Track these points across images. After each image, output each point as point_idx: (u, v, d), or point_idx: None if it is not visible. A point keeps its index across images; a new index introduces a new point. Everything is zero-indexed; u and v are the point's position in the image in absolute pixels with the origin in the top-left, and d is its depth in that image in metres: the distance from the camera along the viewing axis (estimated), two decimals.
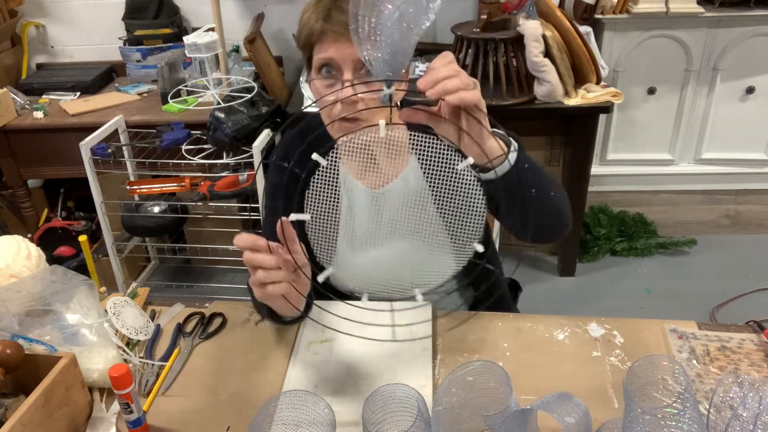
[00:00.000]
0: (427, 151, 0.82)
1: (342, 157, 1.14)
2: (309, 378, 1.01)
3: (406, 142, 0.94)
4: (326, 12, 0.99)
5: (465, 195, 0.82)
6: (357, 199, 1.11)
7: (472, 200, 0.82)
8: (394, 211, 0.91)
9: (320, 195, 0.83)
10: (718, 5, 2.40)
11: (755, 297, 2.39)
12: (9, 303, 0.99)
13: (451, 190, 0.82)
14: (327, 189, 0.82)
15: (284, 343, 1.09)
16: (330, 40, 0.98)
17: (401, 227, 0.90)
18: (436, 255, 0.91)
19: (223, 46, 2.40)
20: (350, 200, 1.12)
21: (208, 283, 2.62)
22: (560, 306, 2.44)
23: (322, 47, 1.00)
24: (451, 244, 0.85)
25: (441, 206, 0.83)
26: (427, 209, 0.89)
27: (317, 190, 0.82)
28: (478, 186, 0.81)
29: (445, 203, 0.83)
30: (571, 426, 0.76)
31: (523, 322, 1.11)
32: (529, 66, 2.13)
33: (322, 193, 0.83)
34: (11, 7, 2.69)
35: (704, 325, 1.08)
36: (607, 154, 2.74)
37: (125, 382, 0.87)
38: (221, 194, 2.15)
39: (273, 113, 2.19)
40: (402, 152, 1.08)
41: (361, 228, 1.05)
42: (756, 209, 2.80)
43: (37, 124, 2.37)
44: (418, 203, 0.89)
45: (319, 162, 0.81)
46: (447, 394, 0.83)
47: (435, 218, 0.88)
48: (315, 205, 0.83)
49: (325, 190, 0.83)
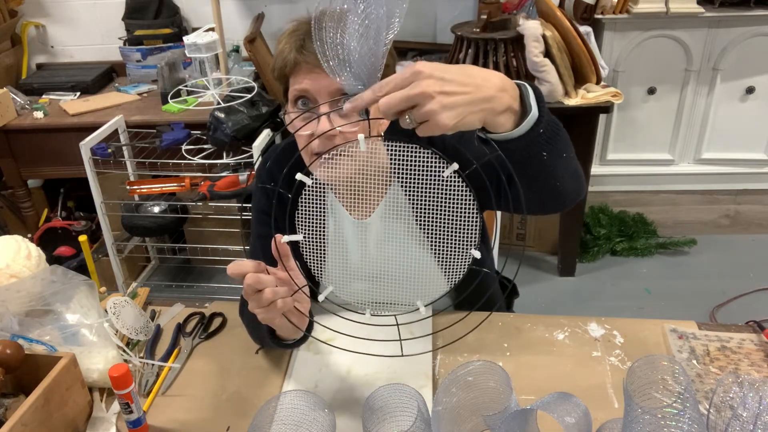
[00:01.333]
0: (409, 163, 0.76)
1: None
2: (309, 378, 1.01)
3: (388, 167, 0.90)
4: (300, 42, 0.95)
5: (455, 202, 0.76)
6: (344, 227, 1.08)
7: (464, 206, 0.76)
8: (383, 238, 0.88)
9: (311, 214, 0.80)
10: (718, 5, 2.40)
11: (755, 297, 2.39)
12: (9, 303, 0.99)
13: (441, 200, 0.77)
14: (317, 207, 0.80)
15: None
16: (304, 71, 0.95)
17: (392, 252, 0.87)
18: (433, 270, 0.86)
19: (223, 46, 2.40)
20: (337, 226, 1.08)
21: (208, 283, 2.62)
22: (560, 306, 2.44)
23: (297, 79, 0.96)
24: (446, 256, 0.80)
25: (430, 221, 0.78)
26: (416, 229, 0.85)
27: (307, 210, 0.80)
28: (469, 191, 0.76)
29: (435, 216, 0.78)
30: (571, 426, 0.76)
31: (523, 322, 1.11)
32: (529, 66, 2.13)
33: (313, 212, 0.80)
34: (11, 7, 2.70)
35: (704, 325, 1.08)
36: (607, 154, 2.74)
37: (125, 382, 0.87)
38: (221, 194, 2.14)
39: (273, 113, 2.19)
40: (384, 178, 1.04)
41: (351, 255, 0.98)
42: (756, 209, 2.80)
43: (37, 124, 2.37)
44: (406, 226, 0.87)
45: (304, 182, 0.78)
46: (447, 394, 0.83)
47: (425, 236, 0.84)
48: (306, 225, 0.80)
49: (315, 209, 0.80)
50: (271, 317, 0.87)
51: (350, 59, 0.73)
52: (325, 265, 0.83)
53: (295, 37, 0.97)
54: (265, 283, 0.84)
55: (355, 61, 0.72)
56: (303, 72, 0.95)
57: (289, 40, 0.97)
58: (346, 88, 0.75)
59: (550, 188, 0.89)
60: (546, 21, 2.16)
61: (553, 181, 0.88)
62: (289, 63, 0.96)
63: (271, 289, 0.84)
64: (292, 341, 0.99)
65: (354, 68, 0.73)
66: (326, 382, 1.00)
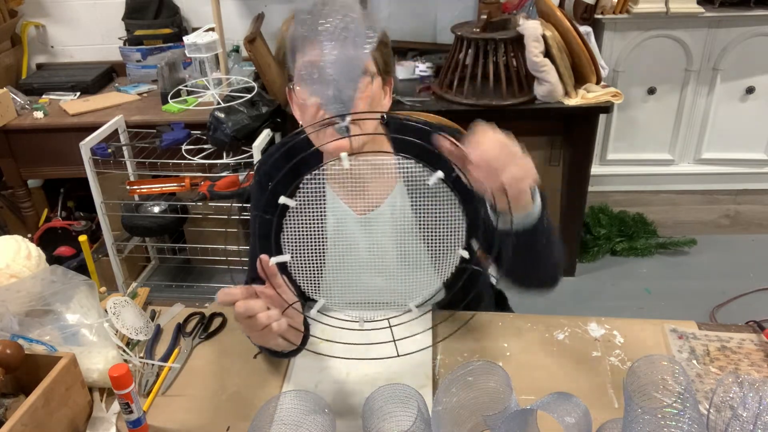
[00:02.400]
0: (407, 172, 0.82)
1: (329, 179, 1.14)
2: (309, 378, 1.01)
3: (394, 164, 0.93)
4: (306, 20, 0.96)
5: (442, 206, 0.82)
6: (344, 223, 1.09)
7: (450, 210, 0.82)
8: (382, 235, 0.90)
9: (299, 232, 0.82)
10: (718, 5, 2.40)
11: (755, 297, 2.39)
12: (9, 303, 0.99)
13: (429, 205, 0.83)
14: (307, 223, 0.82)
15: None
16: (312, 43, 0.94)
17: (390, 249, 0.90)
18: (425, 268, 0.90)
19: (223, 46, 2.40)
20: (337, 223, 1.09)
21: (208, 283, 2.62)
22: (560, 306, 2.43)
23: (304, 51, 0.97)
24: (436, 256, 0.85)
25: (423, 222, 0.84)
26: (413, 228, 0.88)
27: (295, 229, 0.82)
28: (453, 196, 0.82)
29: (426, 218, 0.83)
30: (571, 426, 0.76)
31: (523, 322, 1.12)
32: (529, 66, 2.13)
33: (302, 230, 0.82)
34: (11, 7, 2.69)
35: (704, 325, 1.08)
36: (607, 154, 2.74)
37: (125, 382, 0.87)
38: (221, 194, 2.14)
39: (273, 113, 2.20)
40: (389, 176, 1.06)
41: (349, 253, 1.00)
42: (756, 209, 2.80)
43: (37, 124, 2.37)
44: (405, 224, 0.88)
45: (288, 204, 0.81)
46: (447, 394, 0.83)
47: (420, 235, 0.87)
48: (294, 244, 0.82)
49: (305, 225, 0.82)
50: (266, 340, 0.88)
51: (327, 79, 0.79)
52: (318, 276, 0.84)
53: (298, 17, 0.97)
54: (256, 310, 0.84)
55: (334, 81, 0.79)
56: (310, 44, 0.96)
57: (293, 21, 0.98)
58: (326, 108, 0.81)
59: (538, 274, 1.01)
60: (546, 21, 2.16)
61: (543, 265, 0.99)
62: (298, 37, 0.96)
63: (265, 314, 0.84)
64: (288, 352, 1.00)
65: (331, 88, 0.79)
66: (326, 383, 1.00)
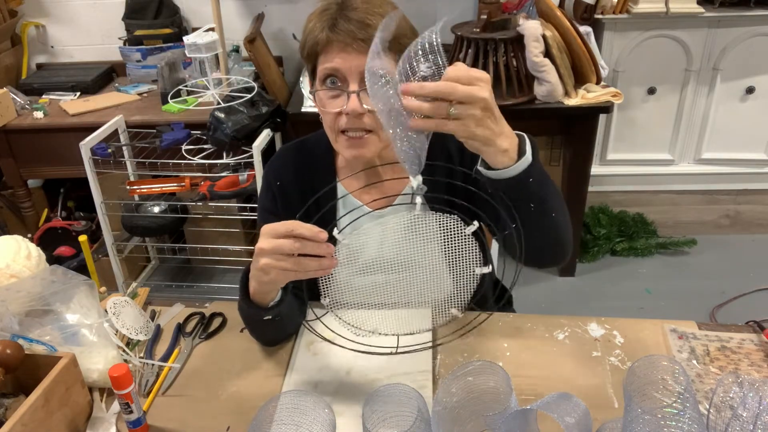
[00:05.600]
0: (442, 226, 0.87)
1: (341, 175, 1.13)
2: (309, 378, 1.01)
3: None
4: (332, 21, 0.95)
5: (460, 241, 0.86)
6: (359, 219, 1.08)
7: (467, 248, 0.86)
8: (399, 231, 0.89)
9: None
10: (718, 5, 2.40)
11: (755, 297, 2.39)
12: (9, 303, 0.99)
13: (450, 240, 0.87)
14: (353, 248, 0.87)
15: (284, 343, 1.09)
16: (336, 50, 0.95)
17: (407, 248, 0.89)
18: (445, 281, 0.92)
19: (223, 46, 2.40)
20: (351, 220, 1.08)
21: (208, 283, 2.62)
22: (560, 306, 2.44)
23: (327, 57, 0.97)
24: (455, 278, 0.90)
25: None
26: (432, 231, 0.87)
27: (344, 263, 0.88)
28: (472, 239, 0.86)
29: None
30: (571, 426, 0.76)
31: (523, 322, 1.11)
32: (529, 66, 2.13)
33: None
34: (11, 7, 2.69)
35: (704, 325, 1.08)
36: (607, 154, 2.74)
37: (125, 382, 0.87)
38: (221, 194, 2.15)
39: (273, 113, 2.20)
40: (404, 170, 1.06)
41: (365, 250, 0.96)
42: (756, 209, 2.80)
43: (37, 124, 2.37)
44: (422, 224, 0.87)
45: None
46: (447, 394, 0.83)
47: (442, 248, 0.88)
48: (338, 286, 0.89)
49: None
50: (290, 268, 0.85)
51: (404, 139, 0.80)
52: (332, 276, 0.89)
53: (326, 16, 0.97)
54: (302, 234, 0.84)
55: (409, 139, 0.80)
56: (335, 50, 0.96)
57: (320, 19, 0.98)
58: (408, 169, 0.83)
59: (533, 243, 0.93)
60: (546, 21, 2.16)
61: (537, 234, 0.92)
62: (321, 41, 0.97)
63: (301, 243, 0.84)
64: (267, 308, 0.97)
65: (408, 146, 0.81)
66: (326, 382, 1.00)
